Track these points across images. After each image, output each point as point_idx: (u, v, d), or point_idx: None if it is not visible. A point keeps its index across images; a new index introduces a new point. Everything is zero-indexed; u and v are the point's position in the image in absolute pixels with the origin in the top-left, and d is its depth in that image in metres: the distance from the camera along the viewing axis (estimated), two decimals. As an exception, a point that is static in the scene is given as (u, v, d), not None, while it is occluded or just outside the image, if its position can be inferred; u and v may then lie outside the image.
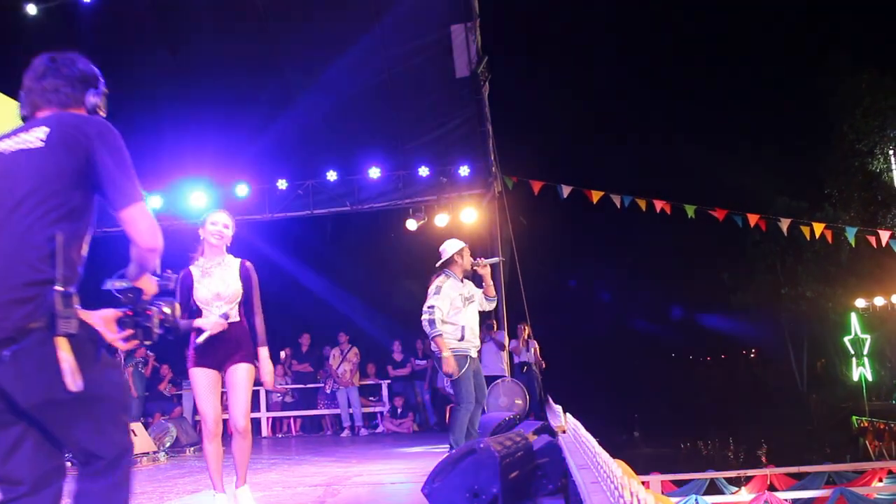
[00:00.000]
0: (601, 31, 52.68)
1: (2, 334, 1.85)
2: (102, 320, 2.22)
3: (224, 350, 4.20)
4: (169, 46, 10.65)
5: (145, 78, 10.56)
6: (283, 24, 10.71)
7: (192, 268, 4.34)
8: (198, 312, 4.28)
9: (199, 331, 4.15)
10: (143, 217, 2.07)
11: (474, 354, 6.14)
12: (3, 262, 1.89)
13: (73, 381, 1.88)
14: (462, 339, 6.03)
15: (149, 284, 2.30)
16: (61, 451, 2.05)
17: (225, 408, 4.27)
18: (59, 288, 1.89)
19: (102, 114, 2.26)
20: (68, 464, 2.13)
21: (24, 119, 2.22)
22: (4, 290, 1.87)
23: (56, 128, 2.04)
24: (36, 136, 2.02)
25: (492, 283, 6.32)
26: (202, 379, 4.19)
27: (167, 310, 2.33)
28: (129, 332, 2.25)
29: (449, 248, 6.19)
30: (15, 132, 2.10)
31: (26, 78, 2.22)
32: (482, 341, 10.65)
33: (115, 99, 2.38)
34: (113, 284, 2.28)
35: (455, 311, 6.00)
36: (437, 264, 6.26)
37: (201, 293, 4.27)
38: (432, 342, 5.95)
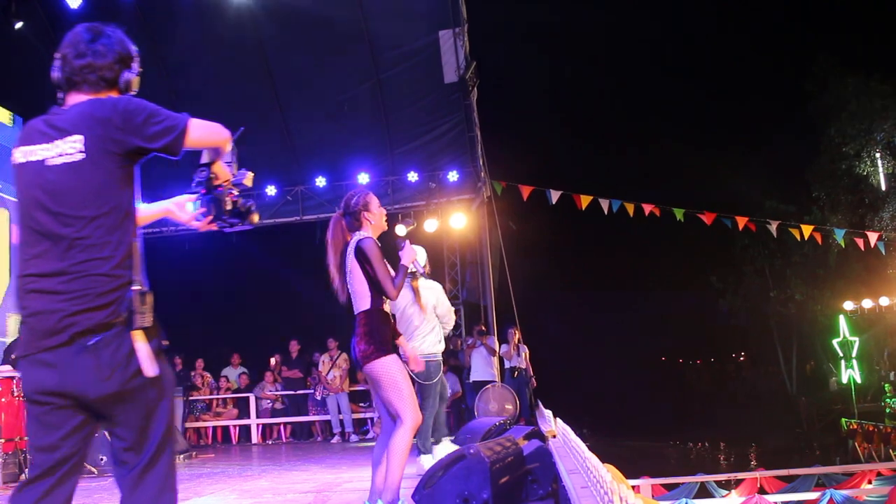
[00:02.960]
0: (590, 36, 52.84)
1: (87, 329, 2.00)
2: (175, 205, 2.48)
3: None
4: (155, 51, 10.62)
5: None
6: (272, 30, 10.71)
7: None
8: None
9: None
10: (199, 133, 2.21)
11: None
12: (82, 275, 2.03)
13: (149, 366, 2.04)
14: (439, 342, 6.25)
15: (222, 171, 2.41)
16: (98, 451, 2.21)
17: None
18: (136, 288, 2.06)
19: (133, 92, 2.28)
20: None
21: (56, 84, 2.19)
22: (90, 299, 2.01)
23: (88, 134, 2.06)
24: (74, 148, 2.06)
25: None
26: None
27: (237, 193, 2.39)
28: (203, 209, 2.38)
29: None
30: (48, 136, 2.09)
31: (64, 45, 2.19)
32: (473, 346, 10.83)
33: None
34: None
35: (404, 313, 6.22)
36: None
37: None
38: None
